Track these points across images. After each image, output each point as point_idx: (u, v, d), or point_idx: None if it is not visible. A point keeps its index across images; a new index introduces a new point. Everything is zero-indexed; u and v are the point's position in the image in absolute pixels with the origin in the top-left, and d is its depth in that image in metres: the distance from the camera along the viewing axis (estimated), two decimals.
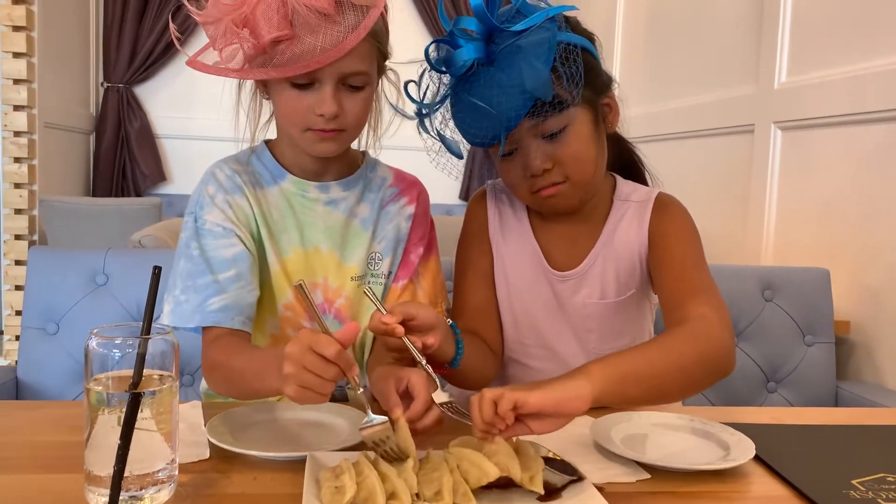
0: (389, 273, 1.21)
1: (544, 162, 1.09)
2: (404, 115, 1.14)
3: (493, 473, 0.78)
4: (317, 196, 1.15)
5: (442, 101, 1.11)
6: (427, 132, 1.14)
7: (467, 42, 1.04)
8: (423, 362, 0.96)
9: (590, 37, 1.13)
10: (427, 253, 1.24)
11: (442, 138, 1.14)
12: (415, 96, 1.13)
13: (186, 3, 0.98)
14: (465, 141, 1.14)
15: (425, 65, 1.10)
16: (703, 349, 0.99)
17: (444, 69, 1.08)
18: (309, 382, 0.82)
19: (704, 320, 1.02)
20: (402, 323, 0.95)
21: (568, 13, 1.10)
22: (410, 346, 0.96)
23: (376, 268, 1.19)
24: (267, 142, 1.18)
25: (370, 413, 0.88)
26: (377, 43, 1.05)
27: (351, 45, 0.97)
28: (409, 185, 1.24)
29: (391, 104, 1.15)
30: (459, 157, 1.16)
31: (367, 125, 1.13)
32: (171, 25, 1.06)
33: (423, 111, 1.13)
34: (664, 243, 1.17)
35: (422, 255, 1.23)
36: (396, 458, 0.86)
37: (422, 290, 1.23)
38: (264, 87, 1.09)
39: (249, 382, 0.99)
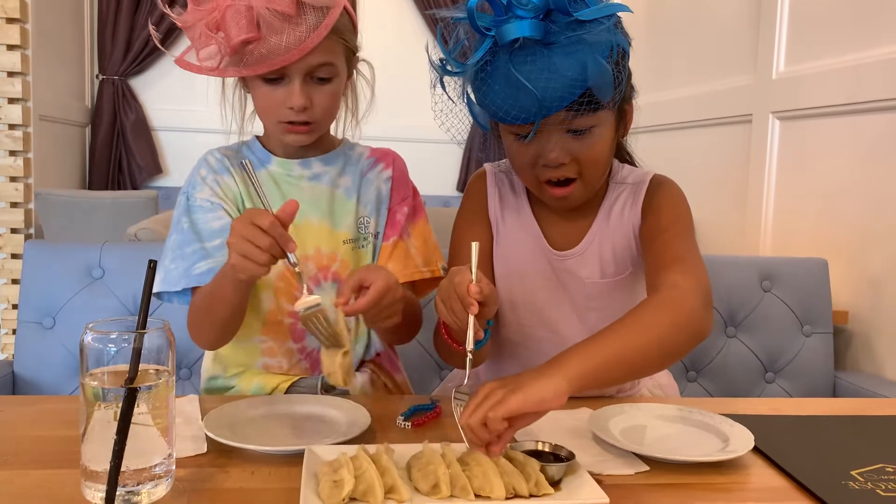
0: (377, 234, 1.26)
1: (563, 156, 1.08)
2: (433, 68, 1.08)
3: (498, 493, 0.78)
4: (300, 173, 1.21)
5: (476, 64, 1.04)
6: (444, 90, 1.10)
7: (527, 15, 0.99)
8: (471, 350, 0.96)
9: (629, 40, 1.10)
10: (414, 215, 1.28)
11: (470, 105, 1.10)
12: (431, 56, 1.08)
13: (167, 10, 1.07)
14: (479, 111, 1.10)
15: (461, 13, 1.03)
16: (674, 318, 0.98)
17: (489, 32, 1.02)
18: (246, 250, 0.92)
19: (677, 288, 1.02)
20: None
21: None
22: (471, 329, 0.95)
23: (366, 230, 1.24)
24: (257, 136, 1.26)
25: (305, 292, 0.97)
26: (342, 39, 1.11)
27: (313, 44, 1.03)
28: (383, 154, 1.30)
29: (432, 60, 1.09)
30: (486, 129, 1.14)
31: (346, 110, 1.21)
32: (152, 28, 1.14)
33: (452, 68, 1.06)
34: (652, 216, 1.18)
35: (408, 215, 1.26)
36: (331, 344, 0.95)
37: (414, 249, 1.26)
38: (244, 82, 1.16)
39: (213, 294, 1.07)
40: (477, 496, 0.78)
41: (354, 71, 1.19)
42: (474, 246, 0.99)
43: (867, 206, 1.94)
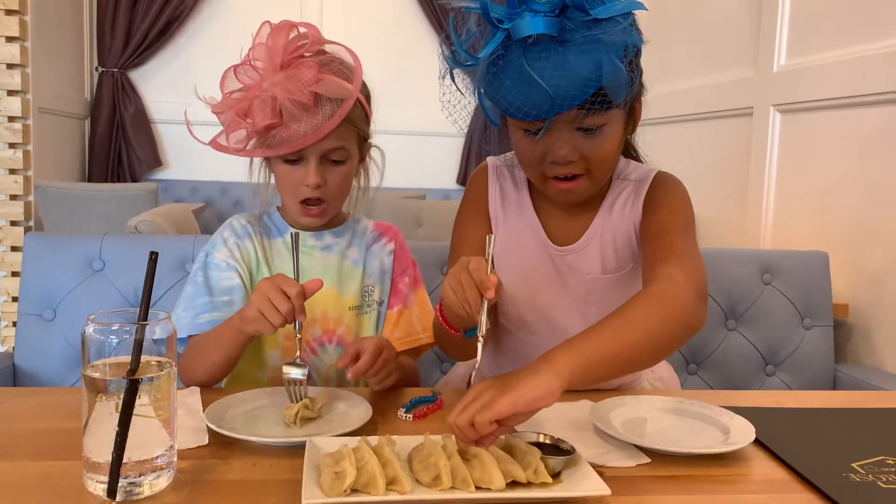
0: (382, 301, 1.35)
1: (573, 154, 1.07)
2: (444, 60, 1.09)
3: (497, 483, 0.78)
4: (313, 244, 1.32)
5: (488, 58, 1.02)
6: (454, 82, 1.09)
7: (542, 9, 0.97)
8: (482, 335, 0.96)
9: (643, 38, 1.08)
10: (415, 285, 1.39)
11: (480, 99, 1.08)
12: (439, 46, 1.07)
13: (204, 100, 1.19)
14: (489, 105, 1.08)
15: (474, 3, 1.01)
16: (666, 312, 0.97)
17: (502, 24, 1.00)
18: (265, 309, 1.01)
19: (668, 281, 1.01)
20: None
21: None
22: (484, 316, 0.96)
23: (370, 298, 1.34)
24: (278, 207, 1.37)
25: (297, 357, 1.05)
26: (354, 127, 1.21)
27: (327, 131, 1.15)
28: (386, 229, 1.41)
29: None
30: (496, 125, 1.14)
31: (357, 188, 1.32)
32: (187, 123, 1.23)
33: (463, 61, 1.05)
34: (653, 213, 1.18)
35: (409, 284, 1.37)
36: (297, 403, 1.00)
37: (415, 317, 1.34)
38: (268, 162, 1.29)
39: (210, 338, 1.15)
40: (477, 487, 0.78)
41: (367, 156, 1.31)
42: (490, 238, 0.99)
43: (868, 200, 1.94)
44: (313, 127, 1.14)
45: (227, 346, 1.12)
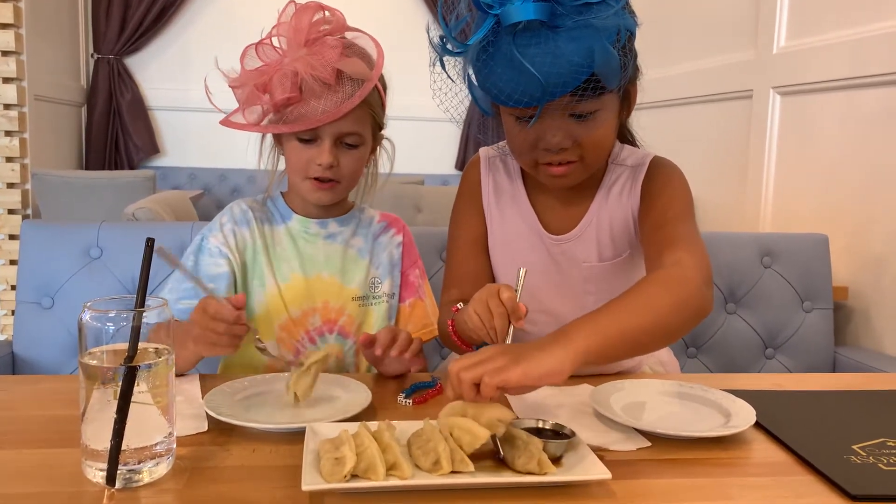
0: (393, 294, 1.34)
1: (566, 141, 1.06)
2: (433, 47, 1.07)
3: (482, 436, 0.79)
4: (317, 231, 1.31)
5: (479, 45, 1.00)
6: (444, 69, 1.07)
7: None
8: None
9: (636, 21, 1.06)
10: (423, 275, 1.39)
11: (471, 88, 1.07)
12: (430, 33, 1.05)
13: (222, 70, 1.18)
14: (479, 94, 1.07)
15: None
16: (676, 295, 0.97)
17: (491, 10, 0.98)
18: (217, 342, 1.00)
19: (678, 265, 1.02)
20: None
21: None
22: (510, 338, 0.97)
23: (377, 290, 1.33)
24: (282, 193, 1.36)
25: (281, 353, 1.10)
26: (371, 111, 1.21)
27: (347, 109, 1.14)
28: (393, 220, 1.40)
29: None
30: (488, 114, 1.12)
31: (364, 182, 1.32)
32: (206, 90, 1.21)
33: (453, 48, 1.03)
34: (651, 199, 1.17)
35: (419, 276, 1.37)
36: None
37: (429, 307, 1.35)
38: (279, 142, 1.28)
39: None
40: (472, 459, 0.78)
41: (379, 146, 1.30)
42: (522, 271, 1.00)
43: (868, 182, 1.93)
44: (333, 105, 1.14)
45: (187, 358, 1.09)
